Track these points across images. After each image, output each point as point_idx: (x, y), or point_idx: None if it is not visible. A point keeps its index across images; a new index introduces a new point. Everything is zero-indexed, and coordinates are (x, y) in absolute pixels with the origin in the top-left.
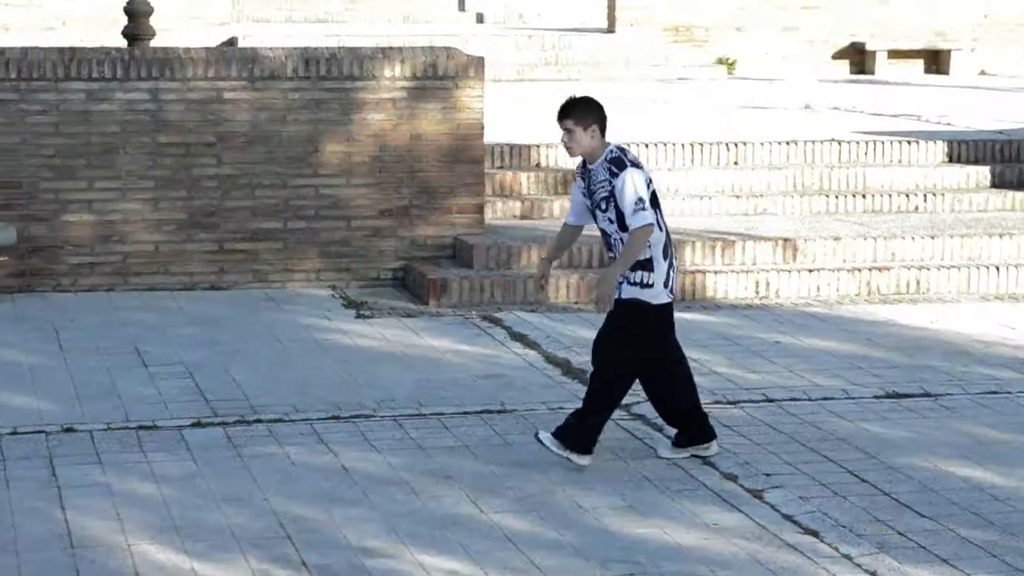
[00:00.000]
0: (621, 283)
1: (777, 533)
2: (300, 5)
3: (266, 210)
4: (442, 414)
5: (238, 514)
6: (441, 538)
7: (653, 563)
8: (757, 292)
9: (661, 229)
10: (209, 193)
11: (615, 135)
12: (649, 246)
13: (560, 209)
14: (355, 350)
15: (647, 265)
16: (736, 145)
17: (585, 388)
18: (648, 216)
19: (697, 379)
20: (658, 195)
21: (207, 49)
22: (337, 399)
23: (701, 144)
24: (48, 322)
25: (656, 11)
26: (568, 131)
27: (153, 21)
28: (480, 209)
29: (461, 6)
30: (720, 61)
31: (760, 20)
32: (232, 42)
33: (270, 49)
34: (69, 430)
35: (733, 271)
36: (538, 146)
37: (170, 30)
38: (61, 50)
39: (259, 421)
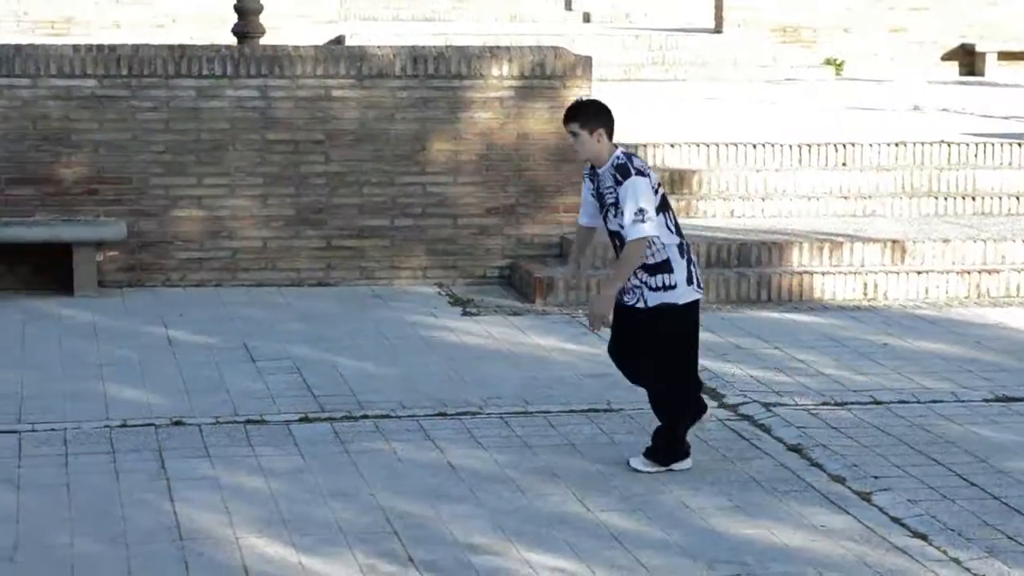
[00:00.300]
0: (642, 291)
1: (885, 536)
2: (407, 3)
3: (373, 207)
4: (548, 412)
5: (345, 509)
6: (547, 536)
7: (760, 564)
8: (865, 294)
9: (671, 231)
10: (317, 190)
11: (725, 135)
12: (664, 246)
13: None
14: (461, 347)
15: (665, 267)
16: (844, 146)
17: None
18: (646, 229)
19: (804, 380)
20: (668, 198)
21: (316, 47)
22: (443, 396)
23: (809, 145)
24: (157, 316)
25: (764, 11)
26: (574, 135)
27: (262, 19)
28: None
29: (568, 5)
30: (828, 62)
31: (868, 21)
32: (340, 40)
33: (378, 47)
34: (178, 423)
35: (841, 272)
36: (645, 145)
37: (279, 28)
38: (172, 47)
39: (366, 417)
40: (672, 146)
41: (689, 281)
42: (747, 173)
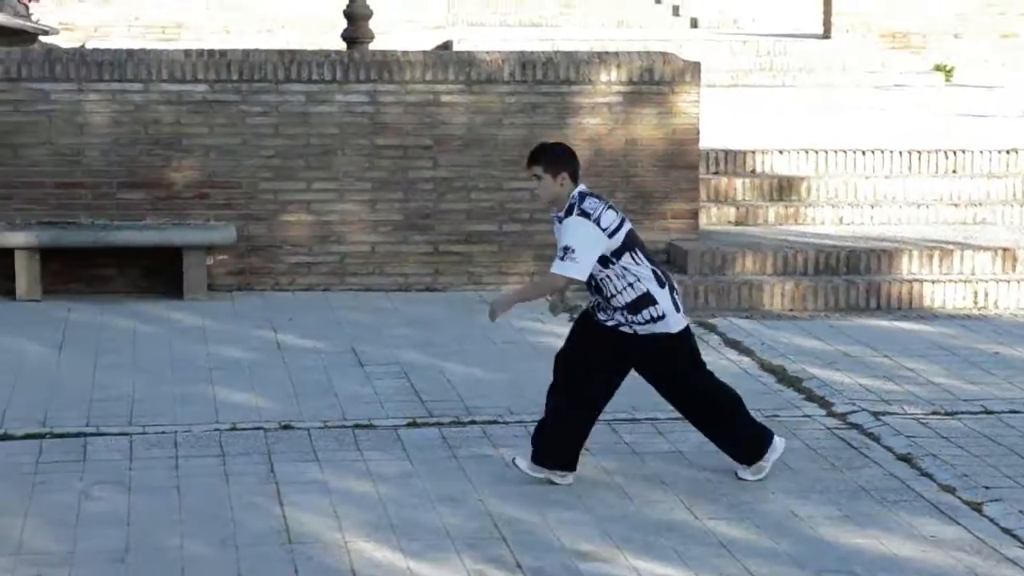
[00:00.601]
0: (632, 323)
1: (996, 547)
2: (514, 9)
3: (481, 213)
4: (656, 419)
5: (453, 514)
6: (655, 543)
7: (869, 574)
8: (975, 302)
9: (642, 263)
10: (425, 195)
11: (833, 142)
12: (638, 280)
13: (775, 216)
14: None
15: (647, 300)
16: (954, 153)
17: (799, 395)
18: (567, 268)
19: (914, 389)
20: (636, 233)
21: (425, 52)
22: None
23: (919, 152)
24: (266, 320)
25: (872, 17)
26: (537, 177)
27: (371, 24)
28: (695, 214)
29: (675, 11)
30: (937, 68)
31: (978, 27)
32: (447, 45)
33: (487, 53)
34: (287, 427)
35: (951, 280)
36: (753, 152)
37: (387, 33)
38: (281, 52)
39: (473, 422)
40: (780, 152)
41: (677, 308)
42: (856, 180)
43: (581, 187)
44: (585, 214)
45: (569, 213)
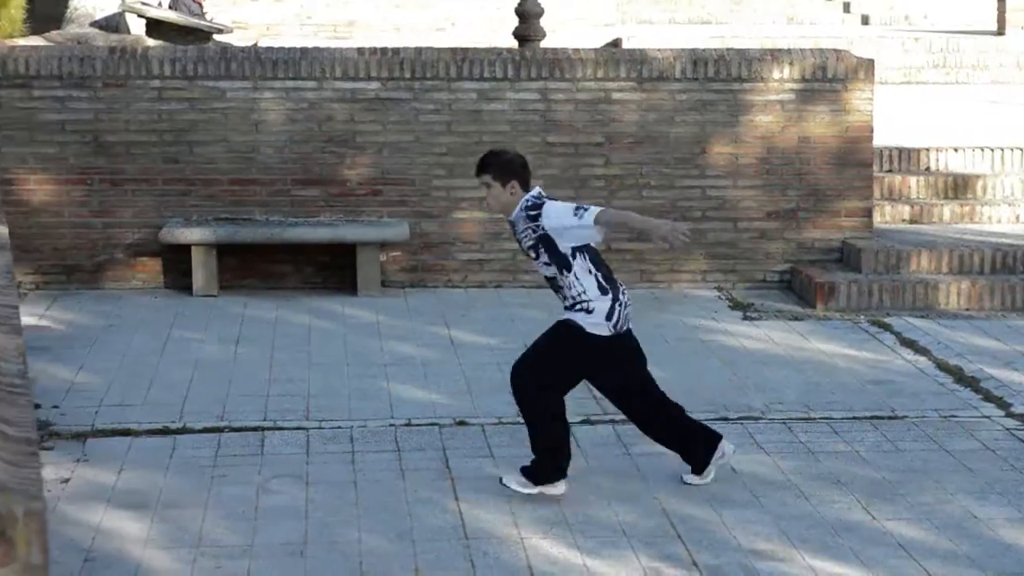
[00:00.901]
0: (566, 313)
1: None
2: (683, 6)
3: (653, 210)
4: (831, 418)
5: (628, 512)
6: (832, 543)
7: None
8: None
9: (591, 272)
10: (597, 192)
11: (1009, 139)
12: (585, 290)
13: (950, 214)
14: (741, 352)
15: (585, 295)
16: None
17: (977, 395)
18: (594, 208)
19: None
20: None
21: (596, 50)
22: (724, 400)
23: None
24: (439, 316)
25: None
26: (487, 186)
27: (542, 22)
28: (868, 213)
29: (846, 8)
30: None
31: None
32: (616, 43)
33: (658, 50)
34: (462, 423)
35: None
36: (927, 150)
37: (556, 31)
38: (454, 50)
39: None
40: (955, 150)
41: (608, 317)
42: None
43: (537, 189)
44: (552, 199)
45: (537, 207)
